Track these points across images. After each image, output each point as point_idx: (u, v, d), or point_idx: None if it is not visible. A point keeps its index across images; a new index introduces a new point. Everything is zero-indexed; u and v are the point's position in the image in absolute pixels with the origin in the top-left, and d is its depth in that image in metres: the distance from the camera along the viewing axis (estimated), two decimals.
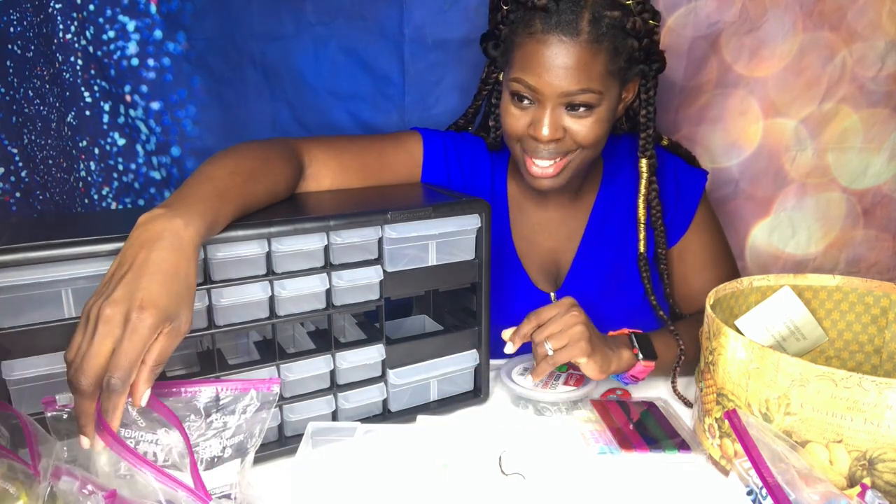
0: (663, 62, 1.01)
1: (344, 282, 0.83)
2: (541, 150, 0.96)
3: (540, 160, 0.97)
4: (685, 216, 1.12)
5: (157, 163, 1.22)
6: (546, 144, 0.95)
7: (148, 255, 0.64)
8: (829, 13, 1.24)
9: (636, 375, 0.97)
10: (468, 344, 0.95)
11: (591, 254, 1.11)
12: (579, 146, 0.96)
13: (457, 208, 0.88)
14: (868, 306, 0.98)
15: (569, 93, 0.91)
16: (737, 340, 0.78)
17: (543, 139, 0.94)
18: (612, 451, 0.84)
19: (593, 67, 0.91)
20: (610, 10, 0.90)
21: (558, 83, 0.91)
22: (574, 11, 0.89)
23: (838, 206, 1.37)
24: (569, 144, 0.96)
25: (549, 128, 0.93)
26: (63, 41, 1.15)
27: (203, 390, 0.72)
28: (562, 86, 0.91)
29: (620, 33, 0.92)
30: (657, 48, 0.99)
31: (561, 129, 0.94)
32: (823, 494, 0.67)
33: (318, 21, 1.18)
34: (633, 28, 0.92)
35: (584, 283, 1.11)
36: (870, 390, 0.67)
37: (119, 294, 0.61)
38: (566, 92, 0.91)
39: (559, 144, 0.95)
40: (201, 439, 0.70)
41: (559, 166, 0.97)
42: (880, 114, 1.31)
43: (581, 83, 0.91)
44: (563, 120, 0.94)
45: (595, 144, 0.97)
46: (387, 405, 0.91)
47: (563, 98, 0.92)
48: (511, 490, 0.77)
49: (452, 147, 1.09)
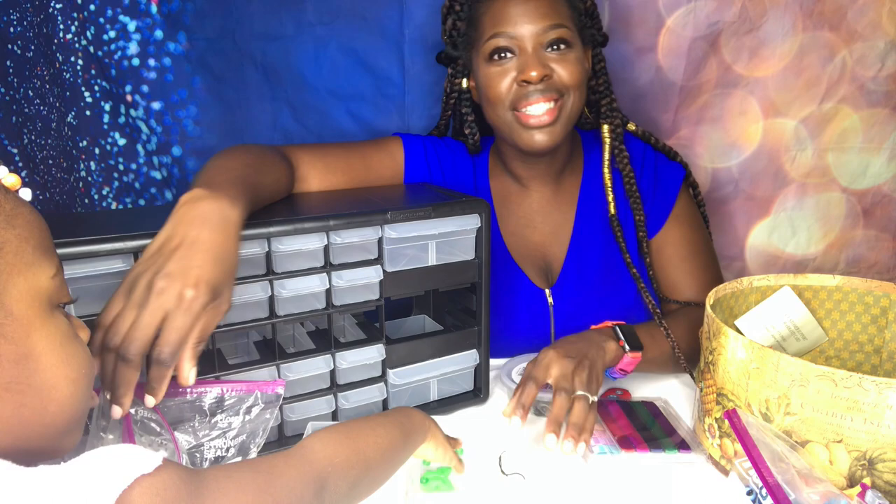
0: (605, 36, 1.08)
1: (344, 282, 0.83)
2: (533, 94, 0.98)
3: (535, 106, 0.99)
4: (663, 209, 1.11)
5: (158, 163, 1.22)
6: (537, 84, 0.97)
7: (199, 233, 0.66)
8: (829, 13, 1.24)
9: (624, 368, 0.94)
10: (468, 344, 0.95)
11: (581, 252, 1.11)
12: (565, 87, 0.99)
13: (457, 208, 0.88)
14: (868, 306, 0.98)
15: (545, 28, 0.97)
16: (737, 340, 0.78)
17: (534, 78, 0.96)
18: (612, 451, 0.84)
19: (559, 7, 0.99)
20: None
21: (534, 22, 0.97)
22: None
23: (838, 206, 1.37)
24: (557, 83, 0.99)
25: (536, 66, 0.97)
26: (63, 41, 1.15)
27: (208, 391, 0.72)
28: (538, 22, 0.97)
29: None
30: (597, 16, 1.06)
31: (547, 66, 0.98)
32: (823, 494, 0.67)
33: (318, 21, 1.18)
34: None
35: (578, 280, 1.11)
36: (870, 390, 0.67)
37: (173, 268, 0.63)
38: (543, 28, 0.97)
39: (549, 82, 0.98)
40: (206, 439, 0.70)
41: (554, 112, 0.99)
42: (880, 114, 1.31)
43: (553, 18, 0.98)
44: (546, 59, 0.98)
45: (579, 85, 1.01)
46: (387, 405, 0.91)
47: (541, 36, 0.97)
48: (511, 490, 0.77)
49: (432, 149, 1.12)
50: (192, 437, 0.70)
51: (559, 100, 0.99)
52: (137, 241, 0.71)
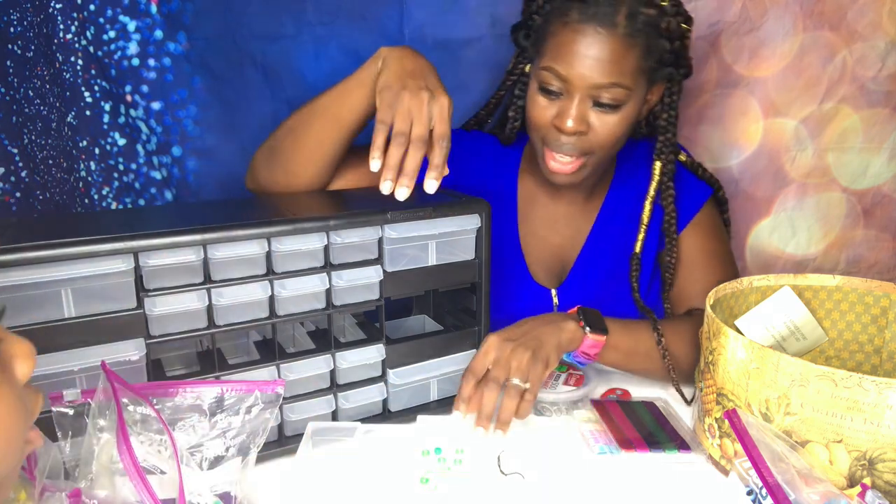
0: (690, 68, 1.02)
1: (344, 282, 0.83)
2: (563, 144, 0.96)
3: (560, 155, 0.97)
4: (683, 217, 1.11)
5: (158, 163, 1.22)
6: (569, 136, 0.95)
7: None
8: (829, 13, 1.24)
9: (586, 352, 0.91)
10: (468, 344, 0.95)
11: (595, 252, 1.11)
12: (598, 147, 0.96)
13: (457, 208, 0.88)
14: (868, 306, 0.98)
15: (599, 85, 0.92)
16: (737, 340, 0.78)
17: (568, 130, 0.94)
18: (612, 451, 0.84)
19: (625, 62, 0.92)
20: (646, 7, 0.91)
21: (590, 74, 0.91)
22: (612, 4, 0.90)
23: (838, 206, 1.37)
24: (589, 143, 0.96)
25: (574, 119, 0.94)
26: (63, 41, 1.15)
27: (208, 391, 0.72)
28: (593, 77, 0.91)
29: (654, 32, 0.93)
30: (687, 53, 1.00)
31: (585, 122, 0.95)
32: (823, 494, 0.67)
33: (318, 21, 1.18)
34: (666, 29, 0.93)
35: (586, 281, 1.11)
36: (870, 390, 0.67)
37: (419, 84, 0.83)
38: (596, 84, 0.92)
39: (580, 140, 0.96)
40: (205, 439, 0.70)
41: (576, 165, 0.98)
42: (880, 114, 1.31)
43: (612, 76, 0.91)
44: (589, 114, 0.95)
45: (613, 145, 0.98)
46: (387, 405, 0.91)
47: (592, 90, 0.93)
48: (510, 490, 0.77)
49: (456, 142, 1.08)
50: (191, 437, 0.70)
51: (585, 156, 0.97)
52: (137, 241, 0.71)
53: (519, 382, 0.81)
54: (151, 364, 0.76)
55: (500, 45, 1.21)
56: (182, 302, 0.75)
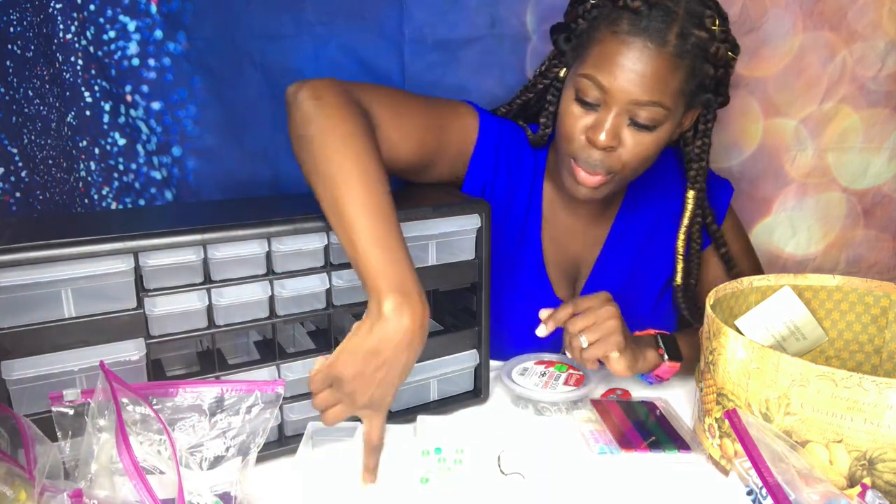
0: (727, 97, 1.00)
1: (344, 282, 0.83)
2: (592, 158, 0.92)
3: (588, 169, 0.94)
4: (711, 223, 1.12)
5: (158, 163, 1.22)
6: (599, 151, 0.91)
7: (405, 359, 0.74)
8: (829, 13, 1.24)
9: (661, 375, 0.97)
10: (468, 344, 0.95)
11: (610, 260, 1.11)
12: (625, 166, 0.93)
13: (456, 208, 0.88)
14: (868, 306, 0.98)
15: (639, 101, 0.88)
16: (737, 340, 0.78)
17: (600, 144, 0.90)
18: (612, 451, 0.84)
19: (670, 82, 0.88)
20: (698, 29, 0.88)
21: (632, 88, 0.87)
22: (665, 21, 0.87)
23: (838, 206, 1.37)
24: (618, 160, 0.92)
25: (608, 133, 0.89)
26: (63, 41, 1.15)
27: (208, 391, 0.72)
28: (634, 92, 0.87)
29: (701, 55, 0.90)
30: (728, 81, 0.98)
31: (618, 138, 0.91)
32: (823, 494, 0.67)
33: (318, 21, 1.18)
34: (714, 54, 0.90)
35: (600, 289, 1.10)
36: (870, 390, 0.67)
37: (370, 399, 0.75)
38: (637, 100, 0.88)
39: (610, 157, 0.92)
40: (205, 439, 0.70)
41: (602, 181, 0.95)
42: (880, 114, 1.31)
43: (654, 95, 0.88)
44: (623, 131, 0.91)
45: (640, 166, 0.95)
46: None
47: (630, 106, 0.89)
48: (510, 490, 0.77)
49: (507, 136, 1.06)
50: (191, 437, 0.70)
51: (611, 174, 0.94)
52: (137, 241, 0.71)
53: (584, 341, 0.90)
54: (151, 364, 0.76)
55: (500, 45, 1.21)
56: (182, 302, 0.75)
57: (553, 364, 1.01)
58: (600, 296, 0.93)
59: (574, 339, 0.91)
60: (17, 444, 0.66)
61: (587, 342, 0.90)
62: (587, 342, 0.90)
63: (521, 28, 1.20)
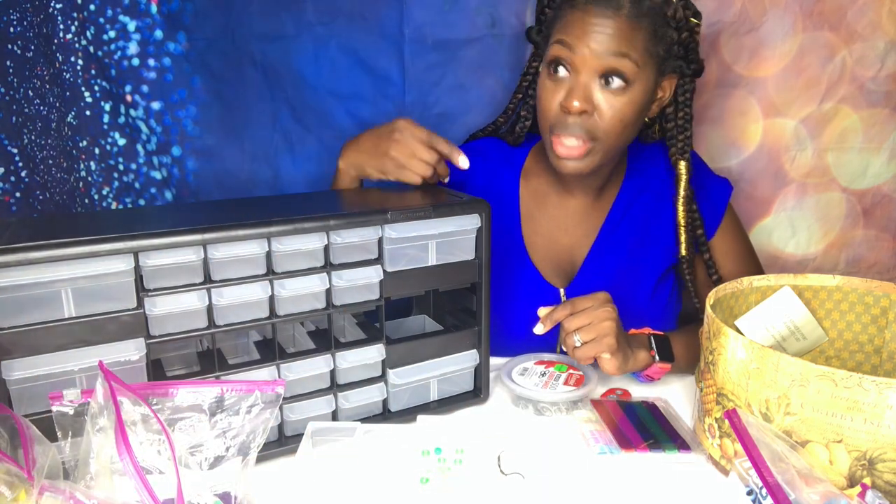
0: (701, 65, 1.03)
1: (344, 281, 0.83)
2: (569, 125, 0.96)
3: (567, 138, 0.97)
4: (712, 222, 1.13)
5: (158, 163, 1.22)
6: (575, 117, 0.95)
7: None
8: (829, 13, 1.24)
9: (651, 375, 0.99)
10: (468, 344, 0.95)
11: (605, 251, 1.12)
12: (604, 132, 0.96)
13: (457, 208, 0.88)
14: (868, 306, 0.98)
15: (607, 53, 0.92)
16: (737, 340, 0.78)
17: (574, 109, 0.94)
18: (612, 451, 0.84)
19: (632, 39, 0.93)
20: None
21: (596, 46, 0.93)
22: None
23: (838, 206, 1.37)
24: (596, 126, 0.96)
25: (580, 98, 0.94)
26: (63, 41, 1.15)
27: (208, 391, 0.72)
28: (599, 49, 0.92)
29: (660, 19, 0.95)
30: (696, 48, 1.01)
31: (591, 102, 0.95)
32: (823, 494, 0.67)
33: (318, 21, 1.18)
34: (673, 17, 0.95)
35: (595, 280, 1.11)
36: (870, 390, 0.67)
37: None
38: (604, 52, 0.92)
39: (586, 121, 0.95)
40: (206, 439, 0.70)
41: (583, 150, 0.97)
42: (880, 114, 1.31)
43: (619, 46, 0.92)
44: (595, 94, 0.95)
45: (621, 132, 0.97)
46: (387, 405, 0.91)
47: (600, 62, 0.93)
48: (510, 490, 0.77)
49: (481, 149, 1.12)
50: (191, 437, 0.70)
51: (592, 141, 0.97)
52: (137, 241, 0.71)
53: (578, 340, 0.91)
54: (151, 364, 0.76)
55: (500, 45, 1.21)
56: (182, 302, 0.75)
57: (553, 364, 1.01)
58: (599, 296, 0.94)
59: (568, 336, 0.92)
60: (17, 444, 0.66)
61: (581, 341, 0.91)
62: (581, 341, 0.91)
63: (521, 28, 1.20)
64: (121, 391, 0.67)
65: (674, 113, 1.05)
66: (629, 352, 0.94)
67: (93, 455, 0.65)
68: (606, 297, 0.94)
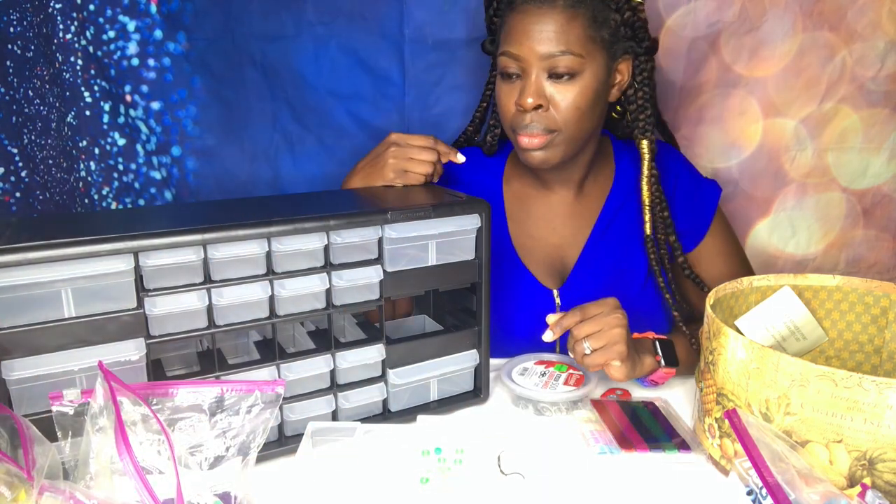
0: (654, 43, 1.04)
1: (344, 281, 0.83)
2: (526, 123, 0.98)
3: (527, 136, 0.99)
4: (701, 225, 1.13)
5: (158, 163, 1.22)
6: (530, 113, 0.97)
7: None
8: (829, 13, 1.24)
9: (656, 380, 0.99)
10: (468, 344, 0.95)
11: (596, 253, 1.11)
12: (563, 123, 0.98)
13: (457, 208, 0.88)
14: (868, 306, 0.98)
15: (549, 55, 0.94)
16: (737, 340, 0.78)
17: (527, 105, 0.96)
18: (612, 451, 0.84)
19: (571, 30, 0.94)
20: None
21: (537, 47, 0.95)
22: None
23: (838, 206, 1.37)
24: (553, 119, 0.98)
25: (532, 94, 0.96)
26: (63, 41, 1.15)
27: (208, 391, 0.72)
28: (540, 48, 0.94)
29: (599, 4, 0.96)
30: (644, 26, 1.02)
31: (543, 96, 0.97)
32: (823, 494, 0.67)
33: (318, 21, 1.18)
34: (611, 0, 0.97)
35: (588, 281, 1.11)
36: (870, 390, 0.67)
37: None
38: (546, 54, 0.94)
39: (543, 116, 0.97)
40: (206, 439, 0.70)
41: (543, 140, 0.99)
42: (880, 114, 1.31)
43: (559, 45, 0.94)
44: (546, 88, 0.97)
45: (579, 120, 0.98)
46: (387, 405, 0.91)
47: (544, 62, 0.95)
48: (510, 490, 0.77)
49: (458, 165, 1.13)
50: (191, 437, 0.70)
51: (552, 132, 0.99)
52: (137, 241, 0.71)
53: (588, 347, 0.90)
54: (151, 364, 0.76)
55: None
56: (182, 302, 0.75)
57: (553, 364, 1.01)
58: (608, 302, 0.93)
59: (578, 343, 0.91)
60: (17, 444, 0.65)
61: (591, 349, 0.90)
62: (591, 349, 0.90)
63: None
64: (121, 391, 0.67)
65: (634, 94, 1.06)
66: (637, 358, 0.93)
67: (93, 455, 0.65)
68: (616, 304, 0.93)
